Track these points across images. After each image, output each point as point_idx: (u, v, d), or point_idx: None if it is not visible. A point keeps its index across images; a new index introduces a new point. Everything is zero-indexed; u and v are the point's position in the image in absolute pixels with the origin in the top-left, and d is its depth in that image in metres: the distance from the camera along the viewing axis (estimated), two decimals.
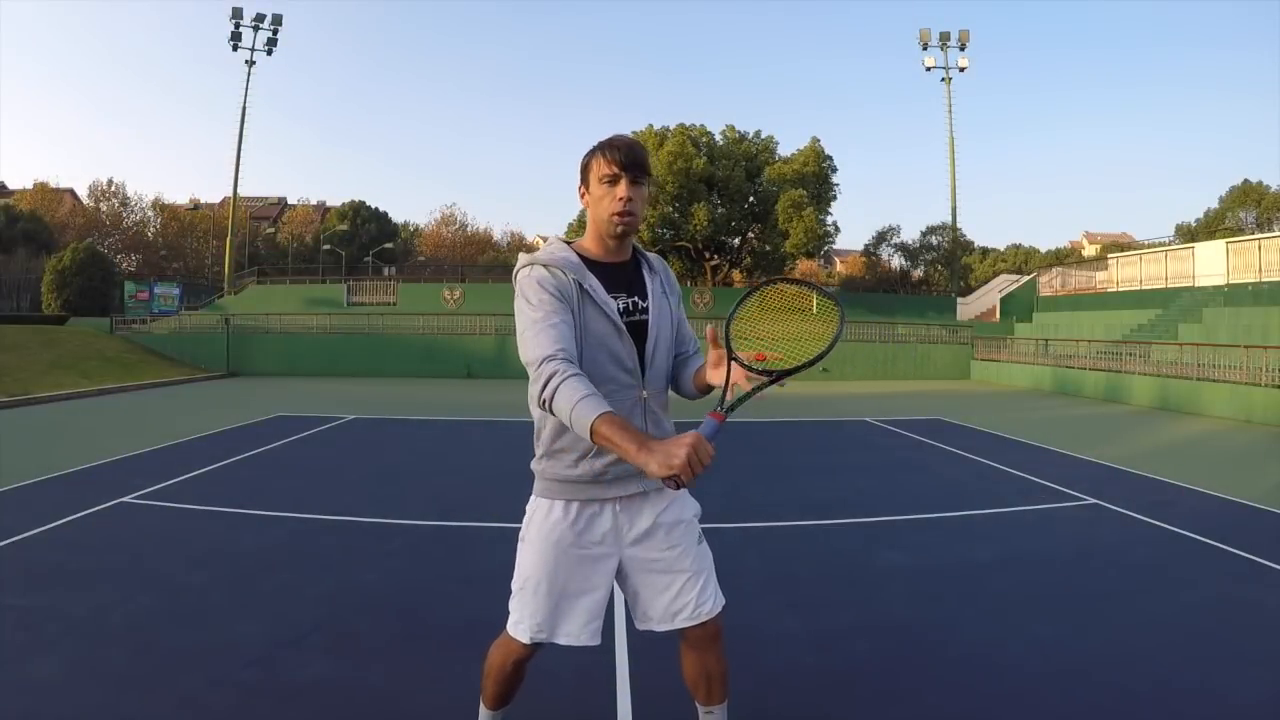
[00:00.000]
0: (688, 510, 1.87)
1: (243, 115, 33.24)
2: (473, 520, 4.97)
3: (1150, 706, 2.56)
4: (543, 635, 1.77)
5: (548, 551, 1.76)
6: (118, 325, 23.17)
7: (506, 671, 1.90)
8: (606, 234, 1.74)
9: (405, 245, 52.22)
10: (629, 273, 1.79)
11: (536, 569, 1.77)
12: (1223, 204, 41.42)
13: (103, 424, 10.35)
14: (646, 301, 1.77)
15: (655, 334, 1.76)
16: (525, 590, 1.78)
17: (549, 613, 1.76)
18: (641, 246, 1.88)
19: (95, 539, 4.48)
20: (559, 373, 1.49)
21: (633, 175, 1.68)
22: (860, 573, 4.06)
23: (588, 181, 1.74)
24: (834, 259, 58.54)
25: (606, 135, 1.75)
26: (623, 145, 1.69)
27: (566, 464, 1.74)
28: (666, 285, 1.84)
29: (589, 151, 1.74)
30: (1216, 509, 5.50)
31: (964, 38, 32.81)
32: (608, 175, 1.68)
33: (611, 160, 1.67)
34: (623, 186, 1.68)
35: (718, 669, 1.88)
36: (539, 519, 1.80)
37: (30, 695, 2.53)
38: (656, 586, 1.80)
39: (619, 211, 1.68)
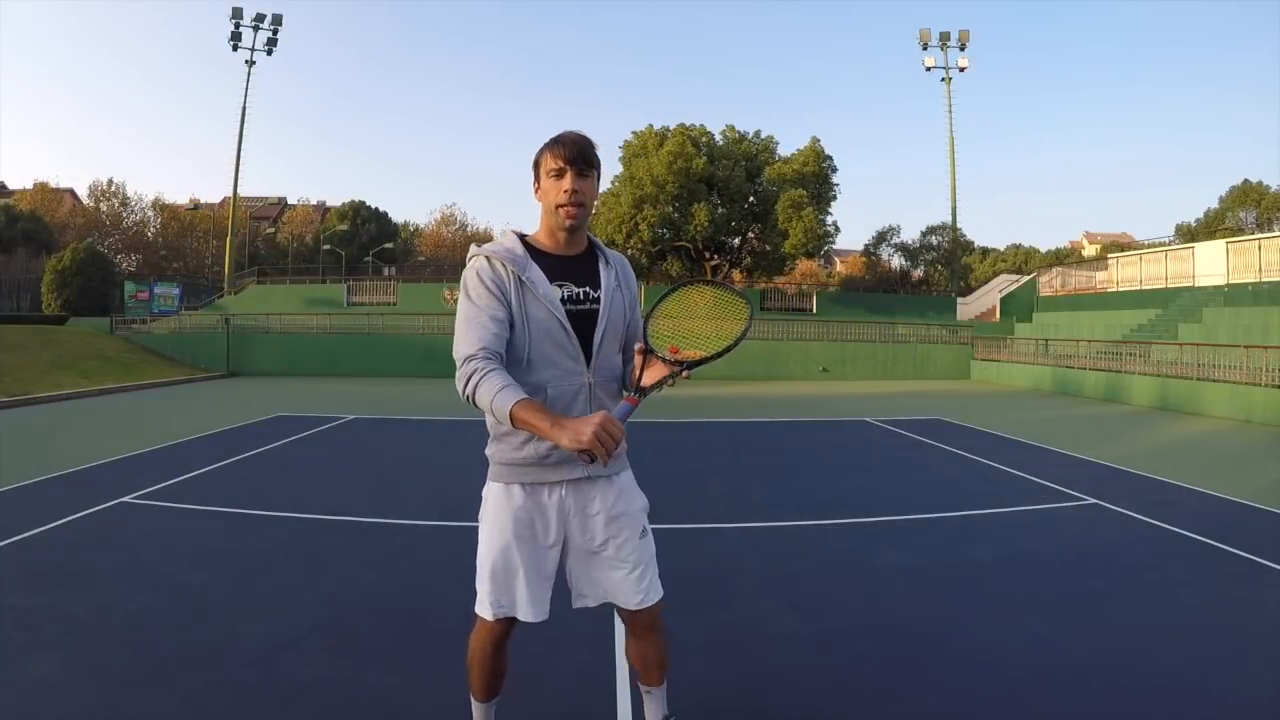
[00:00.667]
0: (635, 503, 1.95)
1: (243, 115, 33.28)
2: (473, 520, 4.92)
3: (1150, 706, 2.56)
4: (503, 611, 1.88)
5: (502, 533, 1.86)
6: (118, 325, 23.17)
7: (487, 655, 1.98)
8: (556, 226, 1.83)
9: (405, 245, 52.22)
10: (581, 265, 1.87)
11: (492, 549, 1.87)
12: (1223, 204, 41.41)
13: (103, 424, 10.36)
14: (598, 292, 1.86)
15: (604, 324, 1.84)
16: (484, 569, 1.89)
17: (506, 590, 1.87)
18: (601, 242, 1.98)
19: (95, 539, 4.48)
20: (478, 370, 1.65)
21: (578, 168, 1.77)
22: (860, 573, 4.06)
23: (539, 177, 1.83)
24: (834, 259, 58.53)
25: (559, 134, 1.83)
26: (568, 140, 1.78)
27: (513, 446, 1.84)
28: (622, 280, 1.93)
29: (539, 149, 1.83)
30: (1216, 509, 5.49)
31: (964, 38, 32.82)
32: (554, 169, 1.78)
33: (557, 155, 1.77)
34: (569, 179, 1.77)
35: (655, 656, 2.01)
36: (492, 502, 1.90)
37: (30, 695, 2.53)
38: (596, 573, 1.91)
39: (565, 203, 1.78)
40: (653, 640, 1.99)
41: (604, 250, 1.94)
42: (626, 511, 1.92)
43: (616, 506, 1.91)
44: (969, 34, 32.83)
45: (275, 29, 33.30)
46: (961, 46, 32.90)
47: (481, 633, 1.96)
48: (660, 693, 2.09)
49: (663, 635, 2.02)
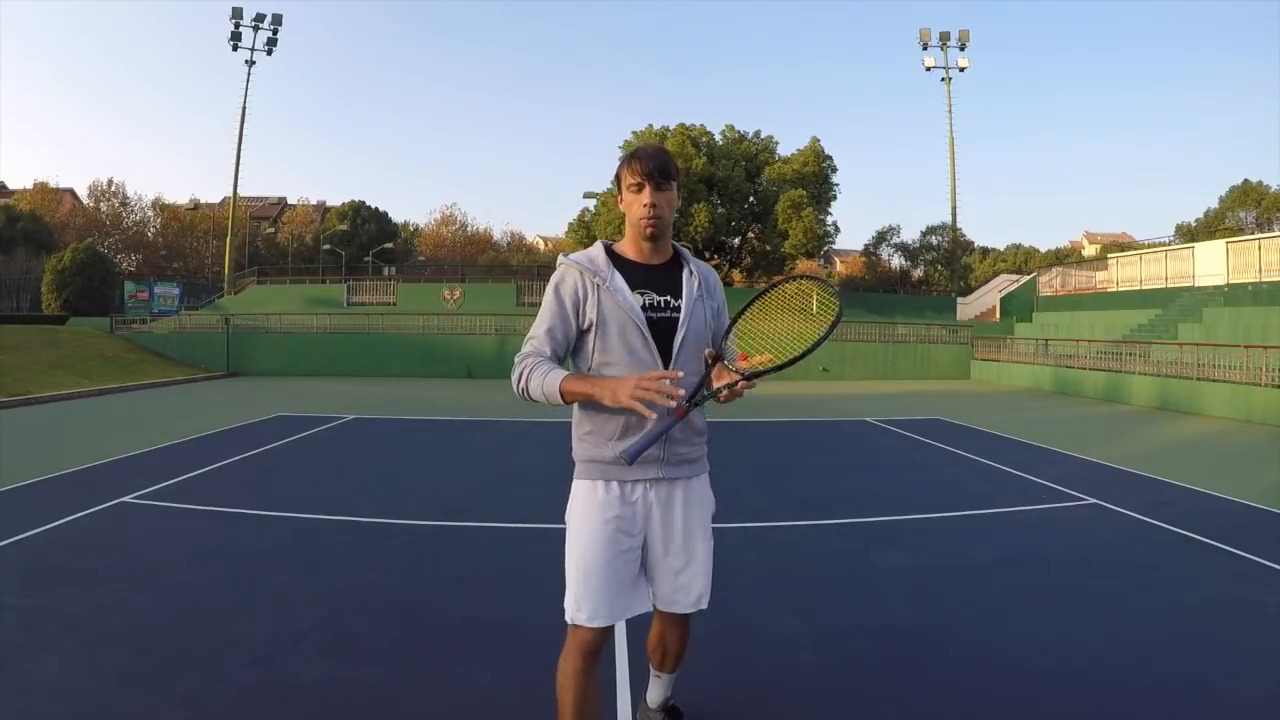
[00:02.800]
0: (708, 507, 2.02)
1: (243, 115, 33.27)
2: (473, 520, 4.97)
3: (1150, 706, 2.56)
4: (598, 620, 1.82)
5: (594, 530, 1.86)
6: (118, 325, 23.17)
7: (579, 672, 1.84)
8: (639, 236, 1.91)
9: (405, 245, 52.20)
10: (665, 274, 1.93)
11: (586, 549, 1.85)
12: (1223, 204, 41.40)
13: (103, 424, 10.36)
14: (679, 300, 1.90)
15: (684, 331, 1.88)
16: (576, 572, 1.85)
17: (598, 595, 1.83)
18: (689, 252, 2.03)
19: (95, 539, 4.48)
20: (528, 365, 1.78)
21: (656, 181, 1.84)
22: (860, 573, 4.06)
23: (620, 190, 1.92)
24: (834, 259, 58.54)
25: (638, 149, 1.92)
26: (646, 155, 1.87)
27: (596, 445, 1.88)
28: (705, 290, 1.96)
29: (620, 163, 1.92)
30: (1216, 509, 5.49)
31: (964, 38, 32.80)
32: (634, 184, 1.86)
33: (635, 170, 1.85)
34: (647, 193, 1.85)
35: (676, 647, 2.12)
36: (581, 499, 1.90)
37: (30, 695, 2.53)
38: (669, 570, 1.94)
39: (644, 215, 1.86)
40: (681, 632, 2.10)
41: (690, 260, 1.98)
42: (702, 516, 1.98)
43: (694, 510, 1.96)
44: (969, 34, 32.82)
45: (275, 29, 33.28)
46: (961, 46, 32.89)
47: (575, 647, 1.85)
48: (670, 679, 2.22)
49: (688, 630, 2.12)
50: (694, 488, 1.97)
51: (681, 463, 1.93)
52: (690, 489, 1.95)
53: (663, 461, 1.89)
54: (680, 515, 1.93)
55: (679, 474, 1.93)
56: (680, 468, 1.93)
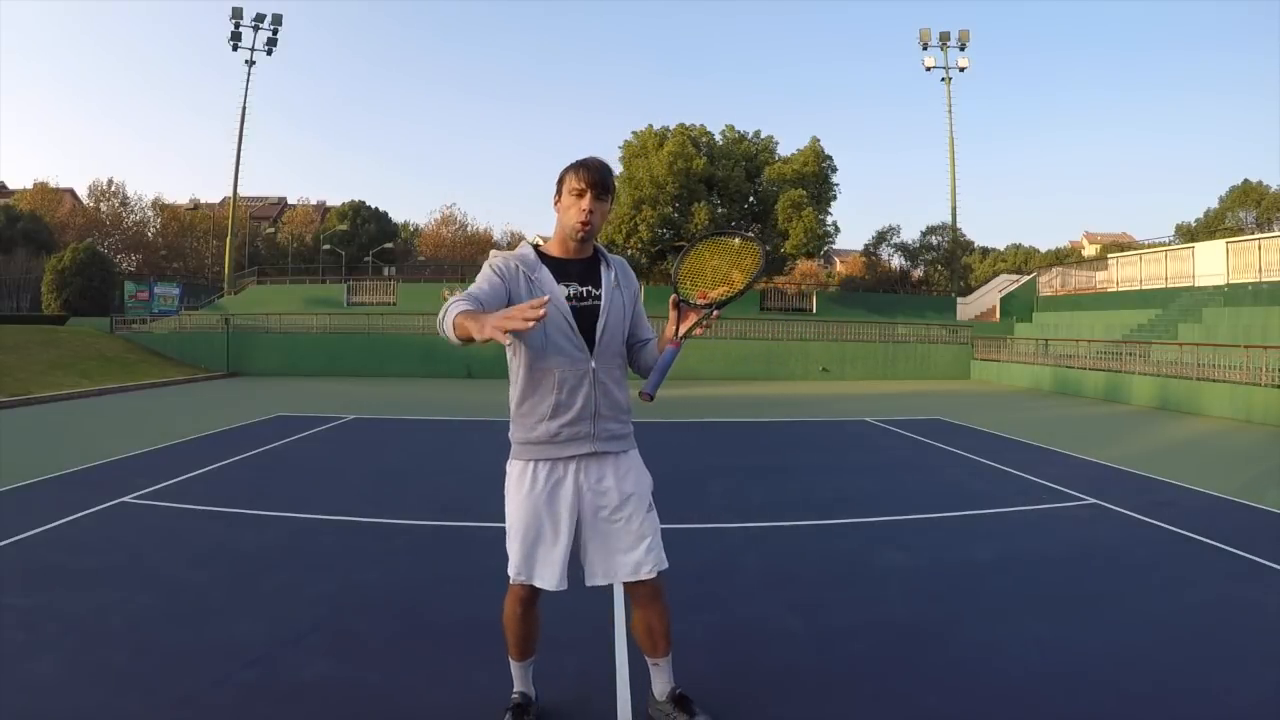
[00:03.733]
0: (644, 480, 2.20)
1: (243, 115, 33.29)
2: (473, 520, 4.96)
3: (1150, 706, 2.55)
4: (522, 577, 2.12)
5: (521, 505, 2.10)
6: (118, 325, 23.17)
7: (516, 617, 2.22)
8: (569, 236, 2.10)
9: (405, 245, 52.18)
10: (586, 268, 2.15)
11: (515, 520, 2.12)
12: (1223, 204, 41.37)
13: (103, 424, 10.35)
14: (599, 290, 2.12)
15: (605, 317, 2.10)
16: (510, 538, 2.14)
17: (525, 558, 2.11)
18: (605, 249, 2.25)
19: (95, 539, 4.48)
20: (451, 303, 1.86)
21: (596, 192, 2.04)
22: (860, 573, 4.06)
23: (559, 192, 2.10)
24: (834, 259, 58.51)
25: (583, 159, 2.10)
26: (592, 166, 2.06)
27: (528, 427, 2.10)
28: (622, 280, 2.19)
29: (565, 168, 2.09)
30: (1216, 509, 5.49)
31: (964, 38, 32.81)
32: (576, 189, 2.04)
33: (581, 178, 2.04)
34: (587, 200, 2.04)
35: (660, 624, 2.22)
36: (514, 478, 2.14)
37: (30, 695, 2.52)
38: (606, 547, 2.13)
39: (582, 221, 2.05)
40: (657, 610, 2.20)
41: (605, 255, 2.21)
42: (636, 488, 2.16)
43: (626, 482, 2.15)
44: (969, 34, 32.84)
45: (275, 29, 33.30)
46: (961, 46, 32.90)
47: (510, 597, 2.21)
48: (666, 664, 2.29)
49: (666, 605, 2.22)
50: (623, 462, 2.16)
51: (610, 438, 2.13)
52: (620, 463, 2.15)
53: (593, 438, 2.09)
54: (614, 487, 2.12)
55: (608, 448, 2.13)
56: (609, 443, 2.13)
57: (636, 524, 2.13)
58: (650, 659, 2.30)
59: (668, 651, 2.27)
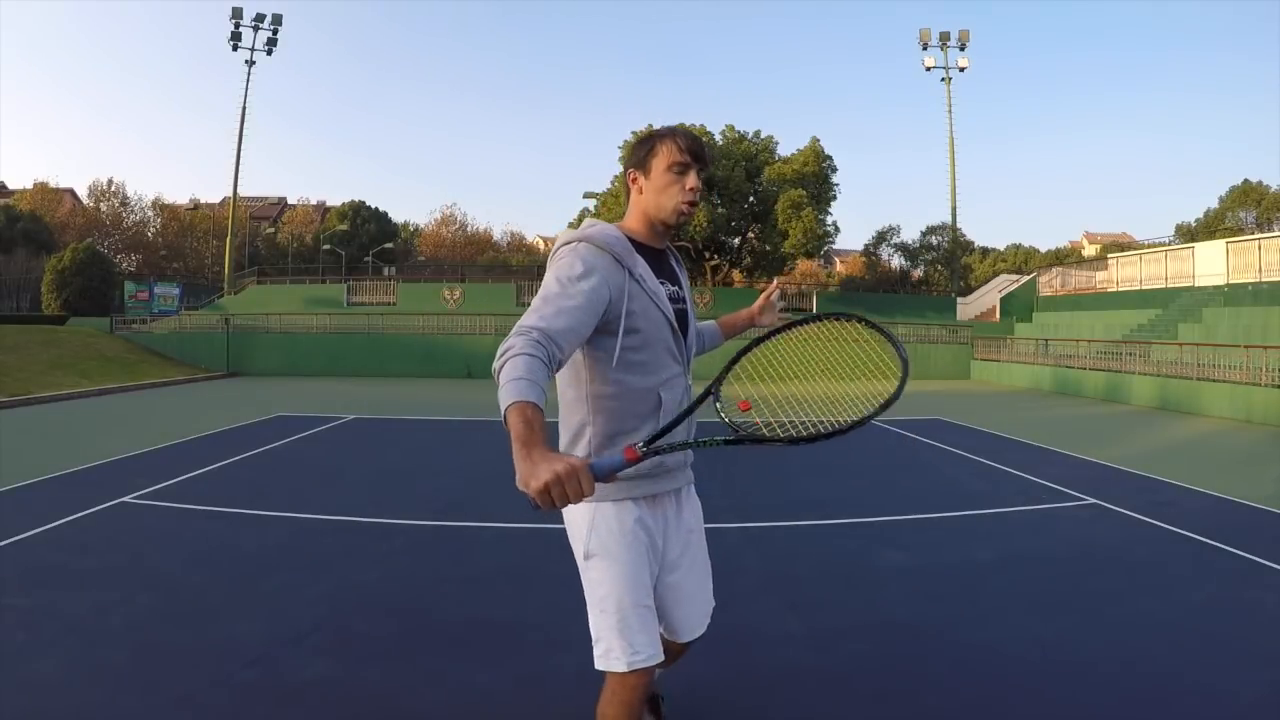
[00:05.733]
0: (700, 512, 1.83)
1: (243, 115, 33.24)
2: (473, 520, 4.96)
3: (1150, 706, 2.55)
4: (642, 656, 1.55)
5: (630, 560, 1.58)
6: (118, 325, 23.16)
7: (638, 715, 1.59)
8: (666, 221, 1.65)
9: (405, 245, 52.17)
10: (667, 261, 1.73)
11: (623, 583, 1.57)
12: (1223, 204, 41.37)
13: (103, 424, 10.35)
14: (682, 290, 1.73)
15: (693, 322, 1.74)
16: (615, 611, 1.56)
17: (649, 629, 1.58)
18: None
19: (95, 539, 4.48)
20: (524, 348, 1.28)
21: (700, 165, 1.63)
22: (860, 573, 4.05)
23: (647, 167, 1.64)
24: (834, 259, 58.53)
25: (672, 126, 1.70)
26: (689, 136, 1.64)
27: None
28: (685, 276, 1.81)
29: (650, 136, 1.66)
30: (1216, 509, 5.49)
31: (964, 38, 32.79)
32: (679, 163, 1.61)
33: (684, 148, 1.61)
34: (693, 177, 1.62)
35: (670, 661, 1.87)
36: (610, 527, 1.58)
37: (30, 695, 2.52)
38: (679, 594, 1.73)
39: (687, 201, 1.62)
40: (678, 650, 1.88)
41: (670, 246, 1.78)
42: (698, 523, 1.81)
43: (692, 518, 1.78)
44: (969, 34, 32.82)
45: (275, 29, 33.25)
46: (961, 46, 32.88)
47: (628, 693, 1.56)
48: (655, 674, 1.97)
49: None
50: (694, 495, 1.81)
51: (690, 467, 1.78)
52: (691, 496, 1.79)
53: (688, 464, 1.73)
54: (690, 522, 1.75)
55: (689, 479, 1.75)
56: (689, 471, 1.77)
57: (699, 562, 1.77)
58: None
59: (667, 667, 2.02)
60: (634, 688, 1.55)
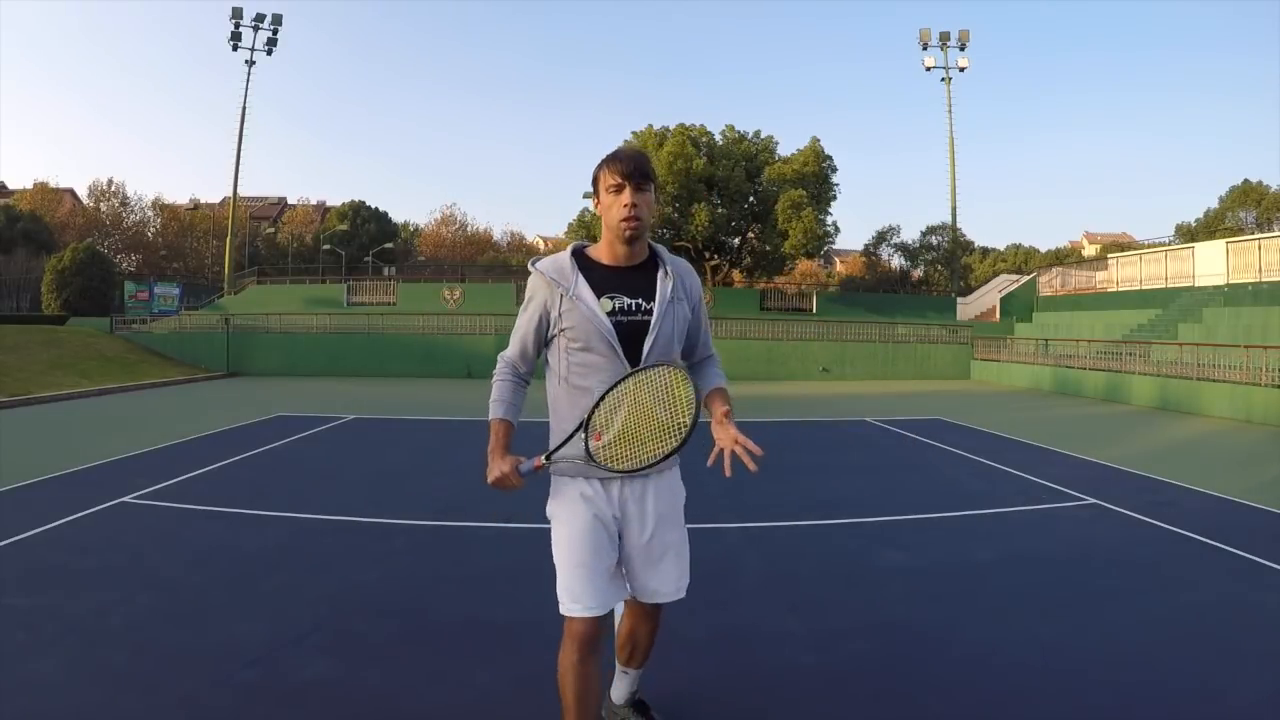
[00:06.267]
0: (680, 495, 2.05)
1: (243, 115, 33.28)
2: (473, 520, 4.96)
3: (1150, 706, 2.55)
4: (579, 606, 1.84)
5: (577, 525, 1.89)
6: (118, 325, 23.15)
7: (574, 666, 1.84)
8: (616, 238, 1.87)
9: (405, 245, 52.18)
10: (637, 276, 1.90)
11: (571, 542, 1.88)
12: (1223, 204, 41.37)
13: (103, 424, 10.35)
14: (651, 304, 1.88)
15: (654, 334, 1.86)
16: (566, 565, 1.88)
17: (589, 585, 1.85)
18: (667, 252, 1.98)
19: (95, 539, 4.48)
20: (498, 375, 1.96)
21: (636, 182, 1.82)
22: (860, 573, 4.05)
23: (596, 192, 1.89)
24: (834, 259, 58.53)
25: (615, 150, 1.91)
26: (625, 156, 1.85)
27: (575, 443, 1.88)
28: (682, 291, 1.94)
29: (597, 166, 1.89)
30: (1216, 509, 5.49)
31: (964, 38, 32.81)
32: (614, 185, 1.83)
33: (615, 170, 1.83)
34: (628, 194, 1.82)
35: (645, 641, 2.13)
36: (562, 496, 1.94)
37: (30, 695, 2.52)
38: (646, 563, 1.97)
39: (625, 216, 1.83)
40: (650, 628, 2.11)
41: (667, 260, 1.94)
42: (672, 503, 2.01)
43: (665, 502, 1.99)
44: (969, 34, 32.84)
45: (275, 29, 33.29)
46: (961, 46, 32.89)
47: (572, 638, 1.86)
48: (636, 675, 2.21)
49: (659, 624, 2.14)
50: (664, 480, 1.99)
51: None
52: (660, 481, 1.98)
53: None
54: (652, 506, 1.95)
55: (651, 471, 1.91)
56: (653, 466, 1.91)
57: (675, 542, 1.99)
58: (621, 666, 2.21)
59: (642, 665, 2.20)
60: (575, 634, 1.85)
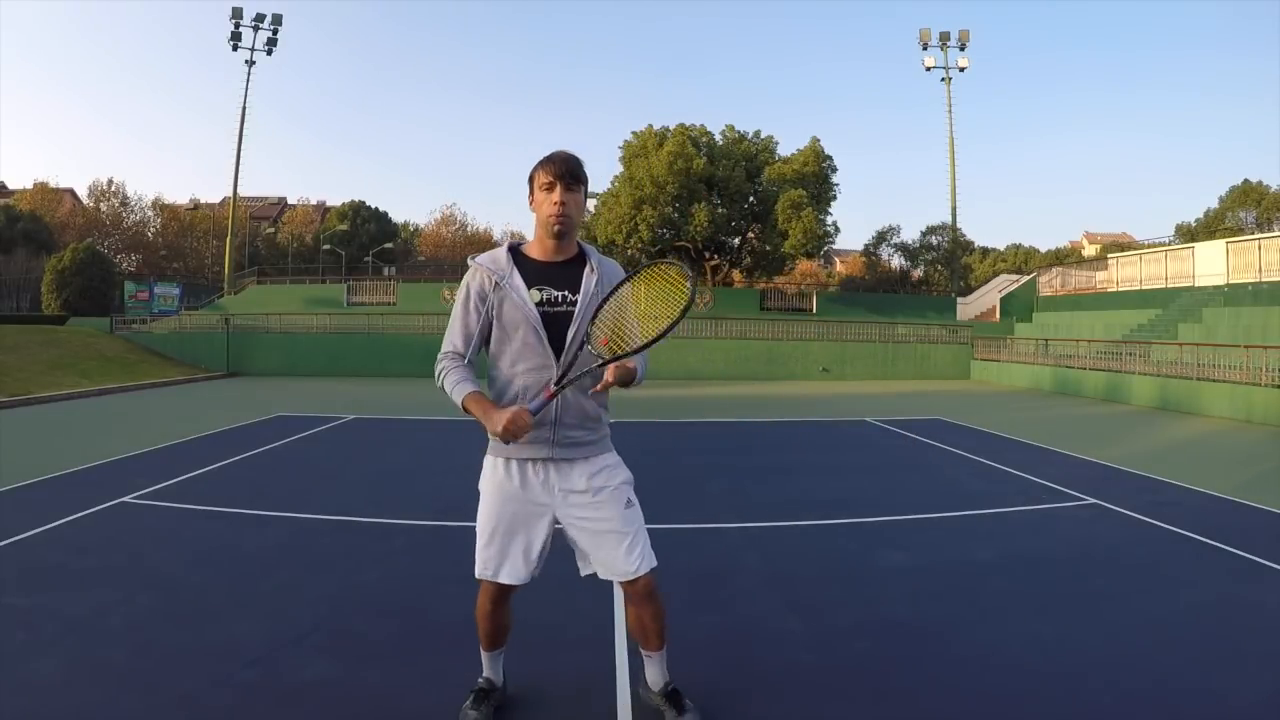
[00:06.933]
0: (615, 478, 2.17)
1: (243, 115, 33.29)
2: (473, 520, 4.94)
3: (1150, 706, 2.55)
4: (488, 573, 2.15)
5: (491, 500, 2.16)
6: (118, 325, 23.16)
7: (487, 614, 2.26)
8: (546, 234, 2.07)
9: (405, 245, 52.18)
10: (565, 271, 2.10)
11: (484, 515, 2.16)
12: (1223, 204, 41.36)
13: (103, 424, 10.35)
14: (576, 295, 2.07)
15: (577, 324, 2.05)
16: (480, 534, 2.17)
17: (494, 554, 2.14)
18: (596, 251, 2.18)
19: (95, 539, 4.48)
20: (446, 368, 2.08)
21: (566, 183, 2.01)
22: (860, 573, 4.05)
23: (531, 190, 2.08)
24: (834, 259, 58.52)
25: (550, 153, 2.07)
26: (558, 159, 2.04)
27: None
28: (606, 285, 2.09)
29: (534, 166, 2.06)
30: (1216, 509, 5.49)
31: (964, 38, 32.81)
32: (546, 183, 2.03)
33: (548, 171, 2.02)
34: (558, 192, 2.01)
35: (652, 622, 2.20)
36: (487, 472, 2.20)
37: (30, 695, 2.52)
38: (589, 542, 2.13)
39: (554, 213, 2.02)
40: (651, 609, 2.18)
41: (594, 256, 2.13)
42: (606, 485, 2.13)
43: (596, 481, 2.13)
44: (969, 34, 32.84)
45: (275, 29, 33.30)
46: (961, 46, 32.90)
47: (482, 593, 2.24)
48: (660, 658, 2.29)
49: (659, 603, 2.20)
50: (594, 463, 2.14)
51: (572, 444, 2.12)
52: (590, 464, 2.13)
53: (552, 443, 2.09)
54: (583, 485, 2.11)
55: (570, 455, 2.11)
56: (570, 449, 2.12)
57: (614, 520, 2.10)
58: (644, 651, 2.32)
59: (660, 647, 2.28)
60: (485, 592, 2.23)
